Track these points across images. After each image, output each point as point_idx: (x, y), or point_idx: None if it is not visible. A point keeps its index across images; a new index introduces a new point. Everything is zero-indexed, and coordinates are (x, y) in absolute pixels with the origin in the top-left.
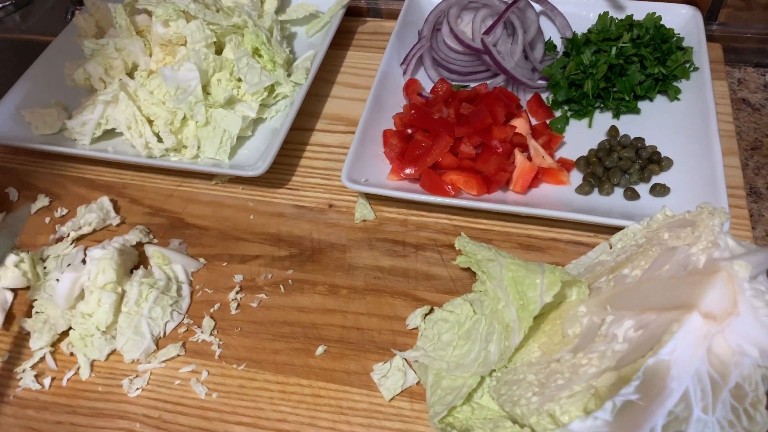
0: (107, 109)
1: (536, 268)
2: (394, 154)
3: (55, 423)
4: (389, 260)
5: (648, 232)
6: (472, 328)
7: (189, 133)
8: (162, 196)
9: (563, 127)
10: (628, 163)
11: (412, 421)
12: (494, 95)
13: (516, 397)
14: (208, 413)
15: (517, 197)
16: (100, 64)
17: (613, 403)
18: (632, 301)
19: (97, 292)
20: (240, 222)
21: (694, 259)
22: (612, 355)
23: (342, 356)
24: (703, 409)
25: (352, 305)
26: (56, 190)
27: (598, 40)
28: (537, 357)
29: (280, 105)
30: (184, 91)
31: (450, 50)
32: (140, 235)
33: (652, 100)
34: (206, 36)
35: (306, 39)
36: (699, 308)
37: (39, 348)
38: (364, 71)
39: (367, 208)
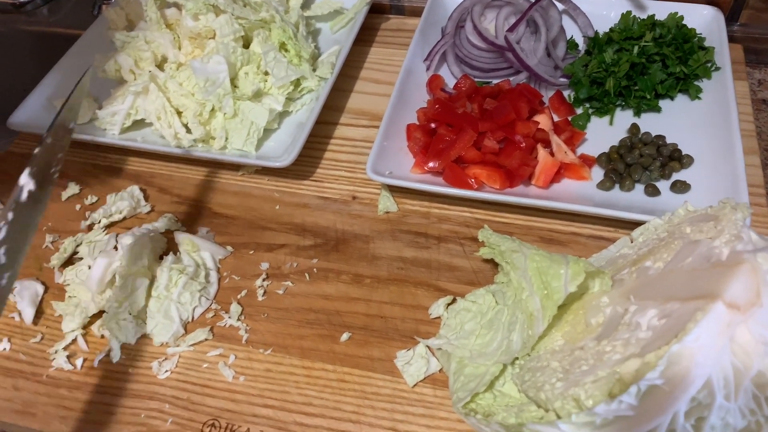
0: (137, 99)
1: (560, 258)
2: (417, 148)
3: (87, 402)
4: (412, 251)
5: (670, 227)
6: (495, 318)
7: (217, 124)
8: (190, 185)
9: (584, 124)
10: (649, 159)
11: (434, 406)
12: (518, 91)
13: (540, 383)
14: (235, 396)
15: (538, 192)
16: (130, 56)
17: (637, 388)
18: (655, 291)
19: (130, 277)
20: (266, 212)
21: (717, 252)
22: (636, 342)
23: (366, 343)
24: (726, 396)
25: (376, 294)
26: (86, 179)
27: (620, 39)
28: (560, 345)
29: (306, 99)
30: (213, 84)
31: (473, 47)
32: (169, 222)
33: (673, 98)
34: (235, 30)
35: (330, 35)
36: (723, 298)
37: (71, 330)
38: (387, 67)
39: (390, 201)
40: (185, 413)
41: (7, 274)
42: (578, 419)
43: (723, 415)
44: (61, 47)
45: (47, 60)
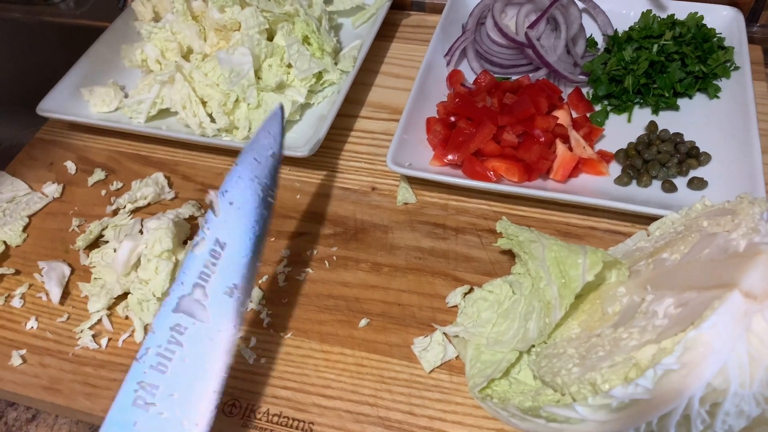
0: (163, 89)
1: (578, 249)
2: (437, 141)
3: (111, 380)
4: (430, 242)
5: (687, 221)
6: (511, 308)
7: (241, 114)
8: (213, 174)
9: (603, 120)
10: (666, 156)
11: (450, 392)
12: (538, 86)
13: (556, 368)
14: (255, 377)
15: (556, 186)
16: (157, 46)
17: (654, 372)
18: (672, 281)
19: (154, 260)
20: (287, 201)
21: (735, 244)
22: (653, 329)
23: (384, 329)
24: (741, 384)
25: (394, 282)
26: (112, 165)
27: (639, 37)
28: (577, 333)
29: (327, 92)
30: (238, 75)
31: (493, 43)
32: (192, 209)
33: (691, 97)
34: (259, 22)
35: (352, 30)
36: (740, 287)
37: (96, 311)
38: (407, 62)
39: (409, 192)
40: None
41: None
42: (594, 402)
43: (737, 402)
44: (87, 39)
45: (73, 51)
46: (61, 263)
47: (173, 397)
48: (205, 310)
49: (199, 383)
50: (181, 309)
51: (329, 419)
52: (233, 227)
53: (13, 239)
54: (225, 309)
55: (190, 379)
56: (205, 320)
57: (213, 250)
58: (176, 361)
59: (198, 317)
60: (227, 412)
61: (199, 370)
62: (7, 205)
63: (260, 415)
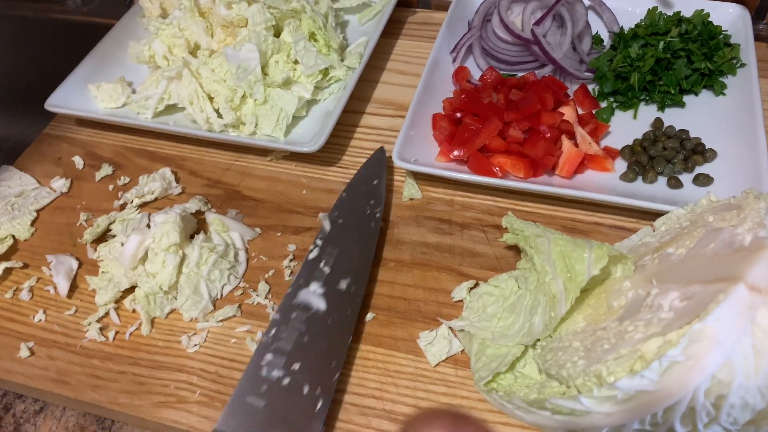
0: (170, 85)
1: (584, 243)
2: (443, 137)
3: (119, 373)
4: (435, 237)
5: (692, 216)
6: (517, 302)
7: (248, 110)
8: (220, 169)
9: (608, 117)
10: (672, 152)
11: (456, 386)
12: (544, 83)
13: (562, 361)
14: None
15: (562, 182)
16: (164, 42)
17: (659, 364)
18: (678, 275)
19: (162, 254)
20: (293, 196)
21: (740, 238)
22: (658, 322)
23: (390, 323)
24: (745, 376)
25: (400, 277)
26: (119, 160)
27: (645, 34)
28: (582, 327)
29: (333, 88)
30: (245, 71)
31: (499, 40)
32: (199, 204)
33: (697, 94)
34: (266, 19)
35: (358, 27)
36: (745, 280)
37: (104, 304)
38: (413, 59)
39: (414, 188)
40: (213, 386)
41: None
42: (600, 394)
43: (742, 395)
44: (95, 36)
45: (81, 48)
46: (69, 257)
47: (295, 367)
48: (322, 299)
49: (317, 359)
50: (299, 299)
51: (334, 412)
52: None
53: (21, 233)
54: (339, 299)
55: (310, 354)
56: (322, 307)
57: (326, 253)
58: (297, 338)
59: (314, 305)
60: None
61: (318, 346)
62: (15, 199)
63: None
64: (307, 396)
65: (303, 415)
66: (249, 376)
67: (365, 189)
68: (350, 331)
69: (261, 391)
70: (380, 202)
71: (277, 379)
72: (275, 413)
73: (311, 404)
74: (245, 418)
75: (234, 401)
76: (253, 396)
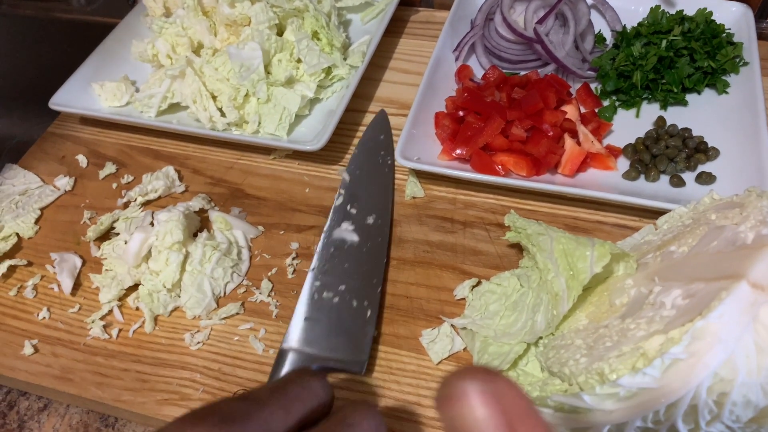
0: (174, 83)
1: (586, 241)
2: (445, 135)
3: (122, 370)
4: (438, 235)
5: (695, 214)
6: (519, 300)
7: (251, 109)
8: (223, 168)
9: (611, 116)
10: (674, 151)
11: None
12: (546, 81)
13: (564, 359)
14: (264, 367)
15: (564, 180)
16: (168, 41)
17: (662, 361)
18: (680, 272)
19: (165, 251)
20: (296, 195)
21: (743, 236)
22: (660, 320)
23: (392, 321)
24: (748, 373)
25: (402, 275)
26: (122, 159)
27: (648, 33)
28: (584, 325)
29: (336, 86)
30: (248, 69)
31: (502, 39)
32: (202, 202)
33: (700, 93)
34: (269, 18)
35: (361, 26)
36: (747, 278)
37: (107, 301)
38: (415, 58)
39: (417, 186)
40: (216, 383)
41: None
42: (602, 391)
43: (745, 392)
44: (99, 35)
45: (85, 47)
46: (73, 255)
47: (341, 288)
48: (354, 234)
49: (359, 280)
50: (335, 237)
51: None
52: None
53: (25, 231)
54: (370, 231)
55: (353, 276)
56: (356, 240)
57: (350, 198)
58: (339, 266)
59: (348, 239)
60: None
61: (359, 270)
62: (19, 197)
63: None
64: (357, 308)
65: (357, 323)
66: (303, 301)
67: (374, 144)
68: (384, 255)
69: (316, 310)
70: (390, 152)
71: (328, 299)
72: (333, 325)
73: (362, 314)
74: (308, 333)
75: (294, 322)
76: (310, 315)
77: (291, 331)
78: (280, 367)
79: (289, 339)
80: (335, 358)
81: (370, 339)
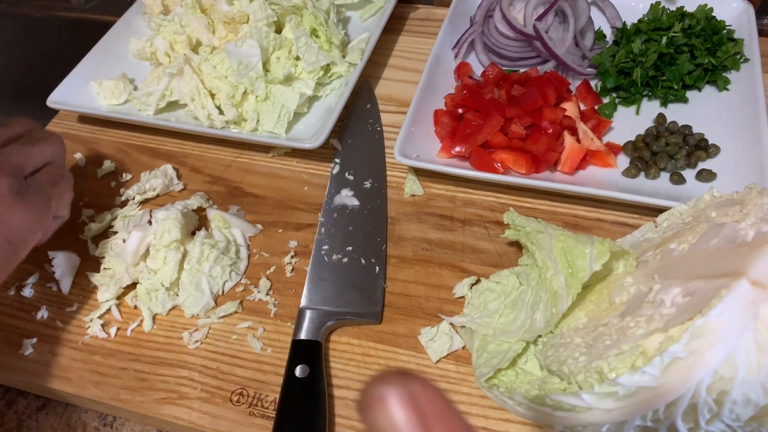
0: (172, 81)
1: (585, 239)
2: (444, 133)
3: (120, 369)
4: (437, 233)
5: (695, 212)
6: (518, 298)
7: (249, 106)
8: (221, 166)
9: (611, 113)
10: (675, 148)
11: (457, 382)
12: (546, 78)
13: (563, 357)
14: (263, 366)
15: (564, 178)
16: (166, 39)
17: (661, 359)
18: (680, 270)
19: (163, 250)
20: (295, 193)
21: (743, 233)
22: (660, 318)
23: (391, 320)
24: (748, 371)
25: (401, 273)
26: (121, 157)
27: (648, 30)
28: (584, 323)
29: (335, 84)
30: (246, 67)
31: (501, 36)
32: (201, 200)
33: (700, 89)
34: (268, 15)
35: (360, 23)
36: (748, 276)
37: (106, 300)
38: (414, 55)
39: (416, 184)
40: (214, 382)
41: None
42: (601, 390)
43: (745, 391)
44: (97, 33)
45: (84, 45)
46: (71, 253)
47: (348, 249)
48: (354, 198)
49: (364, 240)
50: (336, 203)
51: (336, 408)
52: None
53: None
54: (368, 195)
55: (357, 237)
56: (356, 204)
57: (346, 165)
58: (344, 230)
59: (349, 204)
60: (234, 401)
61: (363, 230)
62: None
63: (267, 404)
64: (366, 265)
65: (367, 278)
66: (315, 263)
67: (362, 113)
68: (384, 215)
69: (328, 271)
70: (377, 119)
71: (337, 259)
72: (346, 281)
73: (371, 270)
74: (323, 291)
75: (309, 283)
76: (323, 275)
77: (307, 293)
78: (301, 325)
79: (307, 299)
80: (352, 311)
81: (381, 291)
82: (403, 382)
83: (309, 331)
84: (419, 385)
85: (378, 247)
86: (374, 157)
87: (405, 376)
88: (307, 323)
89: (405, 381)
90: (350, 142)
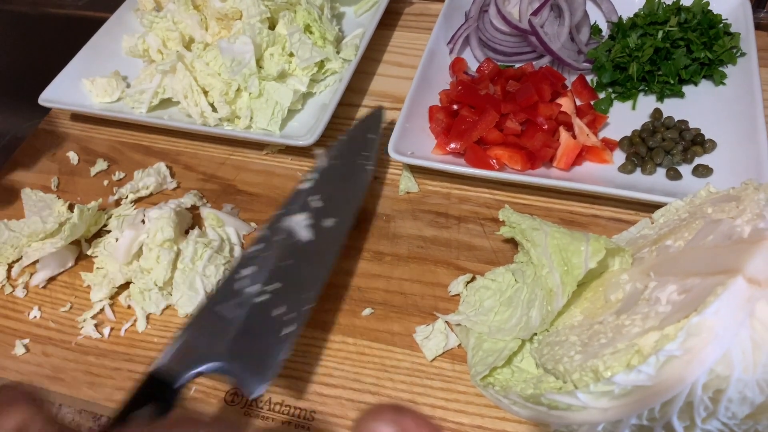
0: (165, 78)
1: (581, 236)
2: (439, 129)
3: (114, 369)
4: (432, 231)
5: (691, 208)
6: (514, 296)
7: (242, 104)
8: (215, 163)
9: (607, 108)
10: (671, 143)
11: (452, 380)
12: (541, 74)
13: (558, 356)
14: None
15: (560, 174)
16: (158, 36)
17: (656, 358)
18: (676, 267)
19: (156, 249)
20: (289, 190)
21: (739, 230)
22: (655, 316)
23: (386, 318)
24: (744, 369)
25: (396, 271)
26: (114, 155)
27: (644, 24)
28: (579, 321)
29: (329, 80)
30: (239, 64)
31: (496, 31)
32: (194, 198)
33: (696, 84)
34: (261, 11)
35: (354, 18)
36: (744, 273)
37: (99, 300)
38: (409, 51)
39: (411, 181)
40: (209, 382)
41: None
42: (596, 389)
43: (741, 389)
44: (90, 30)
45: (76, 42)
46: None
47: (271, 287)
48: (309, 231)
49: (297, 285)
50: (284, 224)
51: (331, 408)
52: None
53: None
54: (325, 235)
55: (292, 277)
56: (309, 237)
57: (319, 187)
58: (278, 261)
59: (301, 234)
60: (229, 401)
61: (301, 273)
62: None
63: (262, 404)
64: (282, 317)
65: (272, 336)
66: (221, 287)
67: (362, 139)
68: (328, 270)
69: (232, 304)
70: (372, 158)
71: (254, 292)
72: (247, 326)
73: (285, 326)
74: (212, 328)
75: (200, 309)
76: (221, 307)
77: (192, 319)
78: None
79: (184, 329)
80: (230, 369)
81: (278, 363)
82: (396, 419)
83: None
84: (412, 419)
85: (304, 304)
86: (351, 197)
87: (398, 411)
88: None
89: (398, 417)
90: (334, 165)
